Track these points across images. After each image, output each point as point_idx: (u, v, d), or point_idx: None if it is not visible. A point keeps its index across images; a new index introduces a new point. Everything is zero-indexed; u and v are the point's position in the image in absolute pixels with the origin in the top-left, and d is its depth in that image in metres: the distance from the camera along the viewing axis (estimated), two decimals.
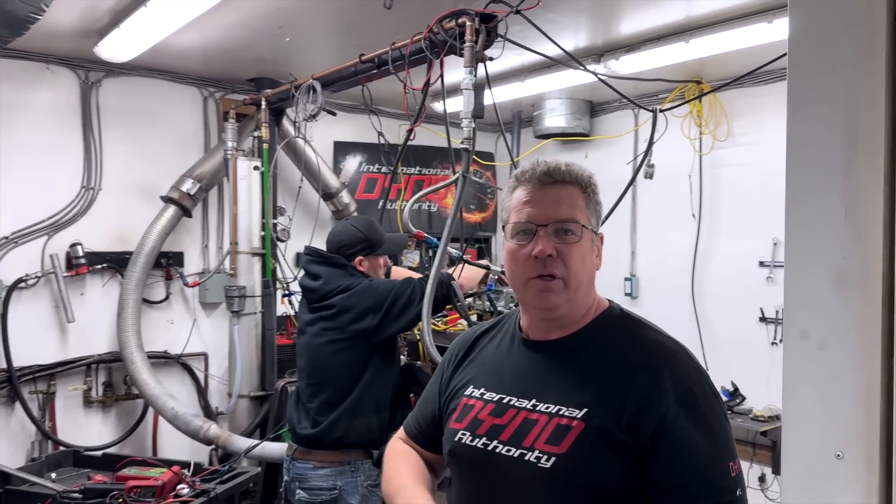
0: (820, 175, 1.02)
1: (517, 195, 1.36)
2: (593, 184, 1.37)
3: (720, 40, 3.50)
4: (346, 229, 2.77)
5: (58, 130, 4.20)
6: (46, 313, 4.18)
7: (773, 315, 4.34)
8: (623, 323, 1.38)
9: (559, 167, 1.35)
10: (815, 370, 1.05)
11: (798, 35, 1.07)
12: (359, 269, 2.72)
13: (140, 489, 2.68)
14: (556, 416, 1.26)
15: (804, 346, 1.05)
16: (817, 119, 1.03)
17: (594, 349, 1.33)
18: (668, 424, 1.21)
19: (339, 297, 2.64)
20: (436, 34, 2.72)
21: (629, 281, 5.16)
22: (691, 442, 1.21)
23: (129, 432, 4.42)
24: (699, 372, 1.28)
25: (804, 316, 1.05)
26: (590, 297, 1.38)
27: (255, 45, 3.95)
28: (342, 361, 2.65)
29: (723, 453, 1.23)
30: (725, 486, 1.20)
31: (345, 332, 2.62)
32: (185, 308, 4.72)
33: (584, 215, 1.33)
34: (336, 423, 2.60)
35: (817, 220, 1.04)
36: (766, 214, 4.35)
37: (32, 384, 4.08)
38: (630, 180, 3.18)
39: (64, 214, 4.20)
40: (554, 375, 1.33)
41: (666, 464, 1.20)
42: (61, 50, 4.05)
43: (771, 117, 4.35)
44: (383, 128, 3.75)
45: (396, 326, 2.61)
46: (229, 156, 4.18)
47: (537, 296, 1.32)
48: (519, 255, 1.33)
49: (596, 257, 1.37)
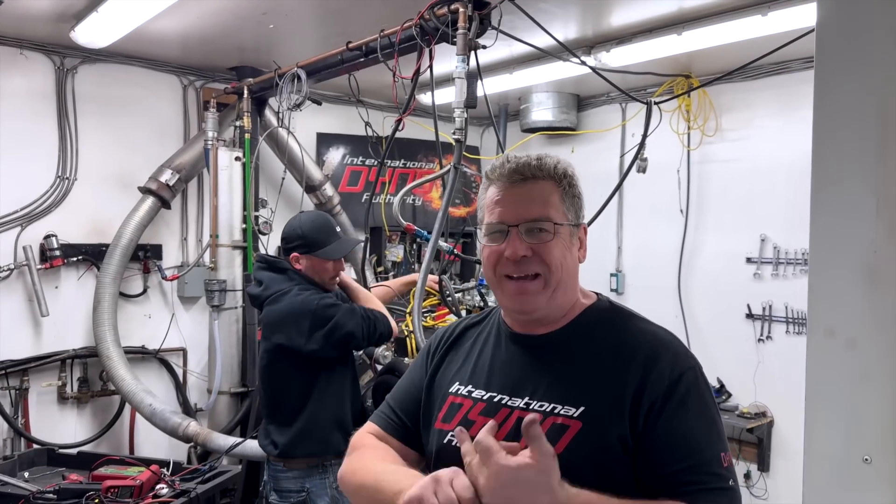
0: (850, 163, 0.96)
1: (490, 194, 1.32)
2: (569, 175, 1.32)
3: (713, 33, 3.47)
4: (291, 222, 2.72)
5: (32, 118, 4.06)
6: (19, 307, 4.05)
7: (760, 311, 4.33)
8: (613, 315, 1.34)
9: (529, 163, 1.29)
10: (841, 370, 0.99)
11: (827, 17, 1.02)
12: (296, 266, 2.66)
13: (117, 489, 2.58)
14: (551, 414, 1.22)
15: (830, 345, 1.00)
16: (847, 105, 0.97)
17: (585, 343, 1.29)
18: (661, 411, 1.18)
19: (268, 307, 2.61)
20: (427, 21, 2.65)
21: (615, 277, 5.13)
22: (683, 427, 1.18)
23: (105, 429, 4.30)
24: (692, 360, 1.26)
25: (830, 313, 1.00)
26: (573, 293, 1.33)
27: (237, 33, 3.85)
28: (282, 378, 2.62)
29: (715, 441, 1.20)
30: (718, 472, 1.17)
31: (271, 345, 2.61)
32: (164, 302, 4.60)
33: (558, 211, 1.28)
34: (295, 443, 2.59)
35: (846, 211, 0.97)
36: (754, 210, 4.35)
37: (4, 380, 3.95)
38: (624, 174, 3.13)
39: (38, 205, 4.07)
40: (545, 371, 1.28)
41: (658, 450, 1.18)
42: (36, 35, 3.92)
43: (760, 112, 4.33)
44: (367, 120, 3.67)
45: (318, 349, 2.53)
46: (210, 146, 4.07)
47: (513, 298, 1.30)
48: (492, 256, 1.30)
49: (579, 250, 1.34)
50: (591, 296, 1.38)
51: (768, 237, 4.29)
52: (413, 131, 4.34)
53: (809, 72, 3.99)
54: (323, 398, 2.59)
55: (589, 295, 1.38)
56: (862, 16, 0.96)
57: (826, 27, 1.01)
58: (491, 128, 5.85)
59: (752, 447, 4.27)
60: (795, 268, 4.19)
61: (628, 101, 4.91)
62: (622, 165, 5.04)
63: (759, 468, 4.27)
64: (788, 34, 2.85)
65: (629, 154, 4.27)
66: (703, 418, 1.20)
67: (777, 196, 4.21)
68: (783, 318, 4.24)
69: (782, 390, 4.16)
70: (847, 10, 0.99)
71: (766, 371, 4.28)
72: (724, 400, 4.38)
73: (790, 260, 4.20)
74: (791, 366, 4.05)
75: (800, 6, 3.10)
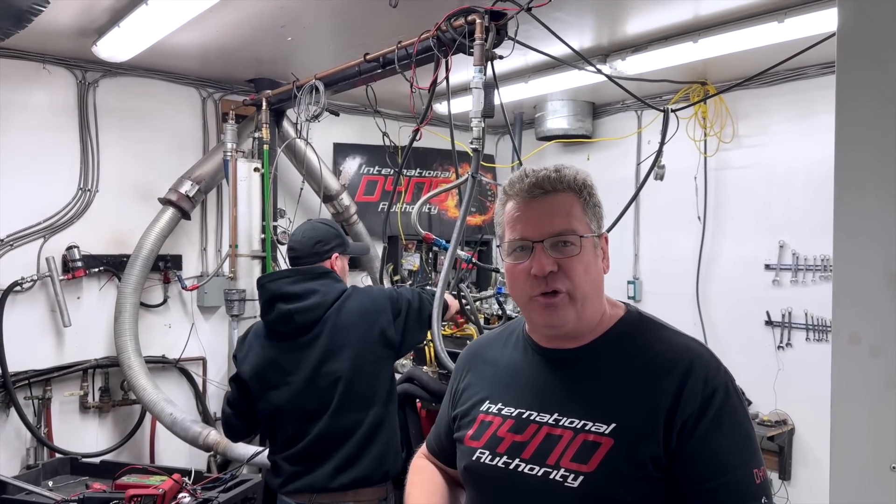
0: (873, 169, 0.96)
1: (508, 210, 1.30)
2: (588, 185, 1.29)
3: (729, 40, 3.46)
4: (317, 227, 2.57)
5: (54, 131, 4.13)
6: (42, 317, 4.10)
7: (780, 318, 4.30)
8: (643, 327, 1.32)
9: (548, 176, 1.27)
10: (866, 377, 0.99)
11: (848, 25, 1.02)
12: (333, 268, 2.50)
13: (141, 498, 2.60)
14: (581, 431, 1.20)
15: (855, 352, 1.00)
16: (870, 110, 0.97)
17: (615, 357, 1.27)
18: (693, 427, 1.16)
19: (335, 312, 2.37)
20: (444, 32, 2.67)
21: (632, 284, 5.11)
22: (716, 445, 1.16)
23: (126, 438, 4.34)
24: (724, 374, 1.23)
25: (855, 319, 1.00)
26: (600, 305, 1.31)
27: (255, 45, 3.90)
28: (382, 379, 2.42)
29: (748, 458, 1.17)
30: (750, 491, 1.14)
31: (352, 351, 2.35)
32: (184, 312, 4.65)
33: (581, 223, 1.26)
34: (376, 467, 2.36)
35: (869, 218, 0.97)
36: (772, 216, 4.32)
37: (28, 389, 4.00)
38: (642, 182, 3.12)
39: (60, 217, 4.13)
40: (575, 387, 1.26)
41: (689, 468, 1.15)
42: (58, 49, 3.98)
43: (776, 119, 4.32)
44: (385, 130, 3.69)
45: (416, 337, 2.49)
46: (229, 157, 4.11)
47: (542, 314, 1.27)
48: (518, 273, 1.27)
49: (602, 261, 1.31)
50: (619, 306, 1.36)
51: (787, 243, 4.26)
52: (428, 140, 4.37)
53: (826, 78, 4.01)
54: (395, 407, 2.48)
55: (617, 305, 1.36)
56: (884, 21, 0.97)
57: (847, 32, 1.02)
58: (506, 136, 5.86)
59: (772, 455, 4.23)
60: (815, 274, 4.15)
61: (644, 108, 4.91)
62: (638, 173, 5.04)
63: (781, 476, 4.22)
64: (805, 41, 2.84)
65: (645, 162, 4.26)
66: (735, 435, 1.18)
67: (795, 202, 4.19)
68: (803, 325, 4.20)
69: (803, 398, 4.12)
70: (869, 15, 0.99)
71: (787, 378, 4.24)
72: None
73: (809, 266, 4.17)
74: (812, 373, 4.01)
75: (816, 12, 3.10)
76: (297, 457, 2.37)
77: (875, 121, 0.98)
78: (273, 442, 2.50)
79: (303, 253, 2.49)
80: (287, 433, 2.41)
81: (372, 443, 2.34)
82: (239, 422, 2.53)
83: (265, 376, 2.41)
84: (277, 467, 2.44)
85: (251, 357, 2.46)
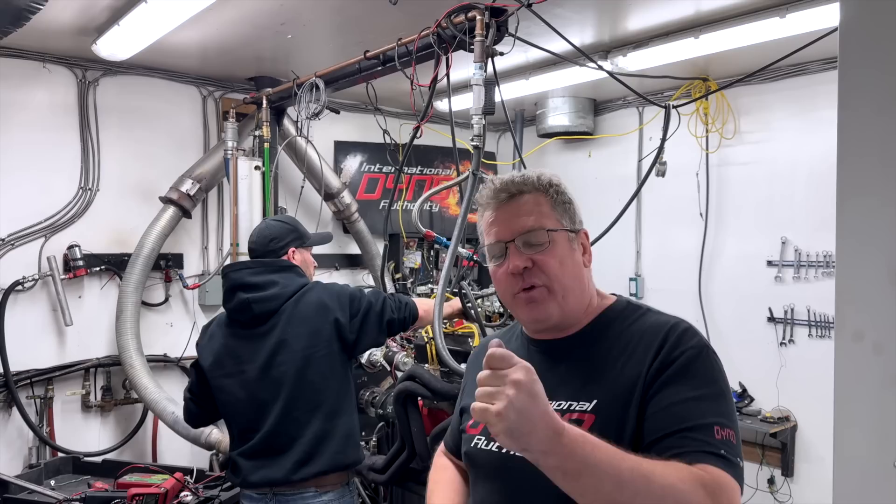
0: (876, 165, 0.96)
1: (485, 218, 1.38)
2: (555, 184, 1.37)
3: (730, 36, 3.44)
4: (270, 225, 2.63)
5: (55, 130, 4.12)
6: (44, 316, 4.10)
7: (782, 315, 4.29)
8: (628, 313, 1.37)
9: (513, 180, 1.36)
10: (869, 374, 0.98)
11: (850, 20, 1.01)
12: (293, 261, 2.56)
13: (143, 497, 2.61)
14: (567, 411, 1.25)
15: (858, 349, 0.99)
16: (873, 106, 0.96)
17: (601, 342, 1.32)
18: (655, 379, 1.20)
19: (292, 304, 2.42)
20: (444, 29, 2.66)
21: (634, 281, 5.10)
22: (677, 396, 1.17)
23: (129, 437, 4.34)
24: (701, 340, 1.26)
25: (858, 316, 0.99)
26: (584, 296, 1.36)
27: (255, 43, 3.89)
28: (321, 379, 2.43)
29: (712, 413, 1.15)
30: (709, 442, 1.12)
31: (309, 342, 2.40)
32: (185, 310, 4.64)
33: (550, 219, 1.33)
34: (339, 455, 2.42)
35: (873, 214, 0.96)
36: (774, 213, 4.31)
37: (30, 389, 4.00)
38: (643, 178, 3.12)
39: (61, 216, 4.13)
40: (563, 372, 1.31)
41: (649, 420, 1.18)
42: (58, 48, 3.98)
43: (778, 115, 4.31)
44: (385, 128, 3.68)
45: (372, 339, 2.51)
46: (230, 156, 4.11)
47: (525, 310, 1.33)
48: (499, 275, 1.34)
49: (583, 255, 1.37)
50: (608, 297, 1.42)
51: (789, 240, 4.25)
52: (429, 138, 4.37)
53: (828, 73, 3.99)
54: (353, 399, 2.53)
55: (606, 297, 1.42)
56: (886, 16, 0.96)
57: (849, 28, 1.01)
58: (507, 133, 5.86)
59: (775, 452, 4.22)
60: (817, 270, 4.14)
61: (645, 104, 4.90)
62: (640, 169, 5.03)
63: (783, 473, 4.22)
64: (807, 36, 2.83)
65: (647, 158, 4.25)
66: (702, 390, 1.18)
67: (797, 198, 4.18)
68: (805, 322, 4.19)
69: (806, 394, 4.11)
70: (871, 10, 0.98)
71: (789, 375, 4.23)
72: (747, 404, 4.34)
73: (812, 262, 4.16)
74: (814, 369, 4.00)
75: (818, 7, 3.08)
76: (254, 452, 2.40)
77: (878, 117, 0.97)
78: (231, 437, 2.54)
79: (259, 253, 2.57)
80: (241, 425, 2.45)
81: (330, 436, 2.37)
82: (196, 408, 2.59)
83: (222, 364, 2.47)
84: (236, 465, 2.44)
85: (212, 344, 2.53)
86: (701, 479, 1.05)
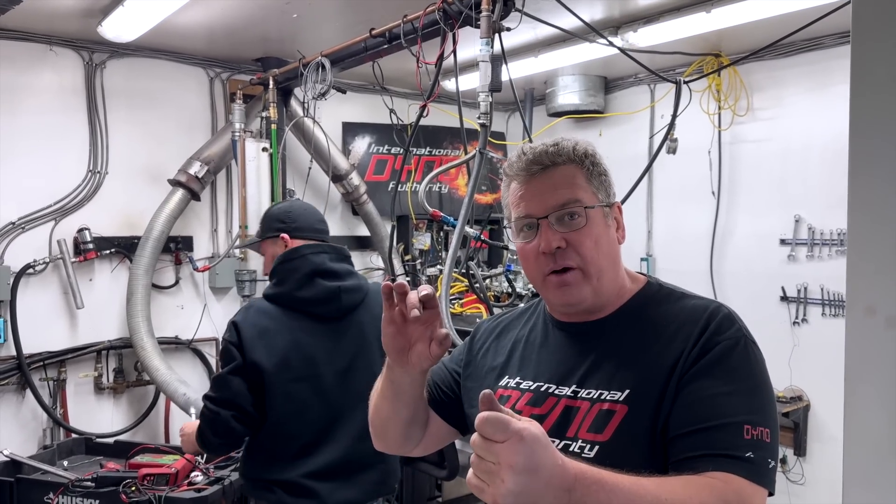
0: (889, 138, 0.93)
1: (512, 189, 1.28)
2: (591, 154, 1.26)
3: (743, 10, 3.37)
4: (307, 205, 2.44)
5: (62, 113, 4.12)
6: (55, 299, 4.13)
7: (795, 294, 4.24)
8: (663, 297, 1.28)
9: (546, 150, 1.24)
10: (882, 351, 0.95)
11: None
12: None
13: (153, 477, 2.62)
14: (598, 401, 1.18)
15: (870, 325, 0.96)
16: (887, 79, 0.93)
17: (634, 327, 1.24)
18: (688, 371, 1.12)
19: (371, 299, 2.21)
20: (450, 4, 2.63)
21: (645, 261, 5.07)
22: (709, 390, 1.10)
23: (141, 419, 4.38)
24: (740, 329, 1.17)
25: (870, 290, 0.96)
26: (617, 277, 1.28)
27: (261, 23, 3.86)
28: None
29: (745, 410, 1.08)
30: (735, 443, 1.05)
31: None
32: (196, 293, 4.66)
33: (586, 193, 1.23)
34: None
35: (885, 188, 0.93)
36: (788, 191, 4.25)
37: (43, 371, 4.04)
38: (653, 156, 3.08)
39: (71, 199, 4.13)
40: (594, 358, 1.23)
41: (677, 413, 1.11)
42: (64, 30, 3.96)
43: (792, 90, 4.23)
44: (392, 107, 3.66)
45: None
46: (237, 137, 4.09)
47: (557, 293, 1.24)
48: (528, 253, 1.25)
49: (617, 231, 1.29)
50: (639, 279, 1.33)
51: (803, 218, 4.19)
52: (438, 118, 4.33)
53: (842, 48, 3.92)
54: None
55: (637, 279, 1.33)
56: None
57: None
58: (517, 113, 5.80)
59: (788, 432, 4.20)
60: (831, 248, 4.09)
61: (657, 81, 4.83)
62: (651, 147, 4.97)
63: (796, 453, 4.20)
64: (820, 9, 2.76)
65: (658, 136, 4.20)
66: (736, 385, 1.10)
67: (811, 175, 4.12)
68: (819, 301, 4.15)
69: (819, 374, 4.07)
70: None
71: (802, 354, 4.19)
72: None
73: (826, 241, 4.11)
74: (827, 349, 3.96)
75: None
76: (330, 471, 2.08)
77: (892, 91, 0.93)
78: (278, 455, 2.13)
79: (308, 235, 2.32)
80: (306, 439, 2.11)
81: None
82: (243, 426, 2.10)
83: (289, 365, 2.09)
84: (303, 489, 2.07)
85: (272, 342, 2.10)
86: (723, 498, 1.01)
